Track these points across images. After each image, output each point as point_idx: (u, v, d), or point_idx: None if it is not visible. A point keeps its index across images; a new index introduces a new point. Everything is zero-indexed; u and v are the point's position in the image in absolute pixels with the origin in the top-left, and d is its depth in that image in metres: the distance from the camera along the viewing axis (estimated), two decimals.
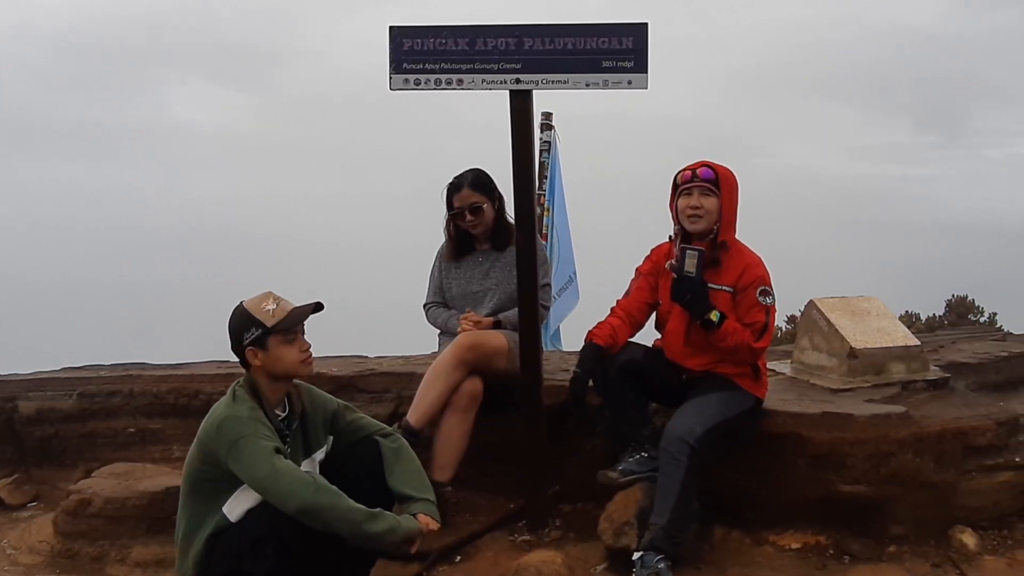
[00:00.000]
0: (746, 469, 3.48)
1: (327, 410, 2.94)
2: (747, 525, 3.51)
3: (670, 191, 3.45)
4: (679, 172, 3.41)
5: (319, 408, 2.92)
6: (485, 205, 3.95)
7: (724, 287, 3.32)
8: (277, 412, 2.78)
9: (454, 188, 3.99)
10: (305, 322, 2.82)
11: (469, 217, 3.96)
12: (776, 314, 3.37)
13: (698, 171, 3.35)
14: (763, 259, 3.41)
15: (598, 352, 3.37)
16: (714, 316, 3.21)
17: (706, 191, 3.33)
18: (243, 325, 2.72)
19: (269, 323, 2.69)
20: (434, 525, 2.79)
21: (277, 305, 2.73)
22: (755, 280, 3.32)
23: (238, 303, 2.77)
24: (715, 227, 3.34)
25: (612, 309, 3.54)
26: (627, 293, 3.57)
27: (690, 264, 3.25)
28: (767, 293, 3.33)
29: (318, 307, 2.81)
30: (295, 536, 2.56)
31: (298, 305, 2.77)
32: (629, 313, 3.49)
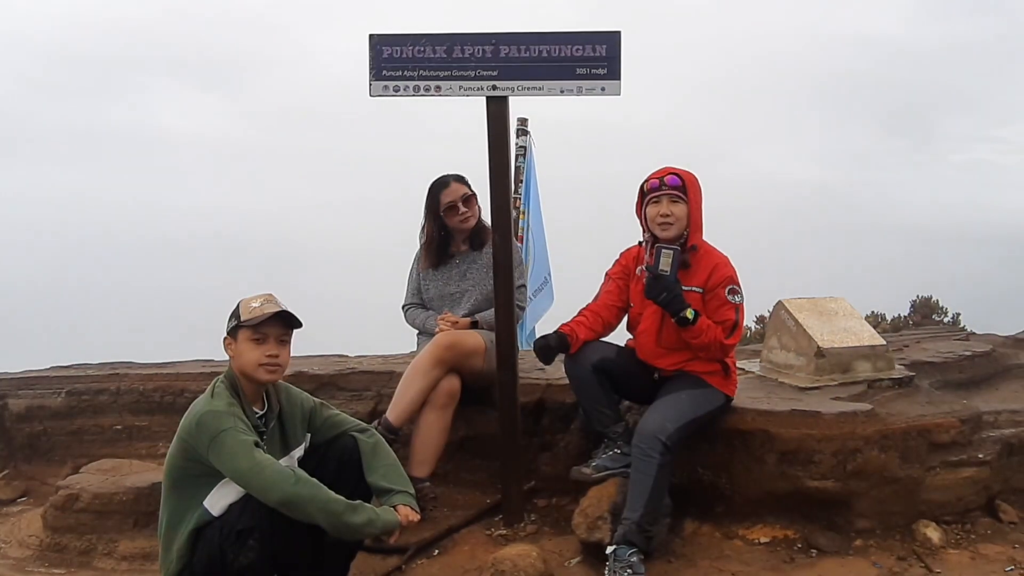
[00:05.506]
0: (716, 465, 3.54)
1: (304, 408, 2.99)
2: (717, 519, 3.56)
3: (636, 198, 3.50)
4: (645, 180, 3.45)
5: (296, 406, 2.97)
6: (475, 196, 4.01)
7: (694, 288, 3.38)
8: (255, 409, 2.83)
9: (442, 185, 4.03)
10: (291, 334, 2.87)
11: (463, 209, 4.00)
12: (745, 312, 3.43)
13: (665, 179, 3.39)
14: (731, 260, 3.47)
15: (562, 336, 3.45)
16: (689, 314, 3.26)
17: (675, 198, 3.37)
18: (231, 314, 2.82)
19: (244, 317, 2.77)
20: (414, 516, 2.81)
21: (261, 305, 2.79)
22: (724, 280, 3.38)
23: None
24: (684, 232, 3.41)
25: (580, 311, 3.60)
26: (597, 296, 3.63)
27: (665, 263, 3.30)
28: (736, 292, 3.39)
29: (294, 320, 2.84)
30: (277, 529, 2.59)
31: (280, 311, 2.81)
32: (596, 314, 3.55)
